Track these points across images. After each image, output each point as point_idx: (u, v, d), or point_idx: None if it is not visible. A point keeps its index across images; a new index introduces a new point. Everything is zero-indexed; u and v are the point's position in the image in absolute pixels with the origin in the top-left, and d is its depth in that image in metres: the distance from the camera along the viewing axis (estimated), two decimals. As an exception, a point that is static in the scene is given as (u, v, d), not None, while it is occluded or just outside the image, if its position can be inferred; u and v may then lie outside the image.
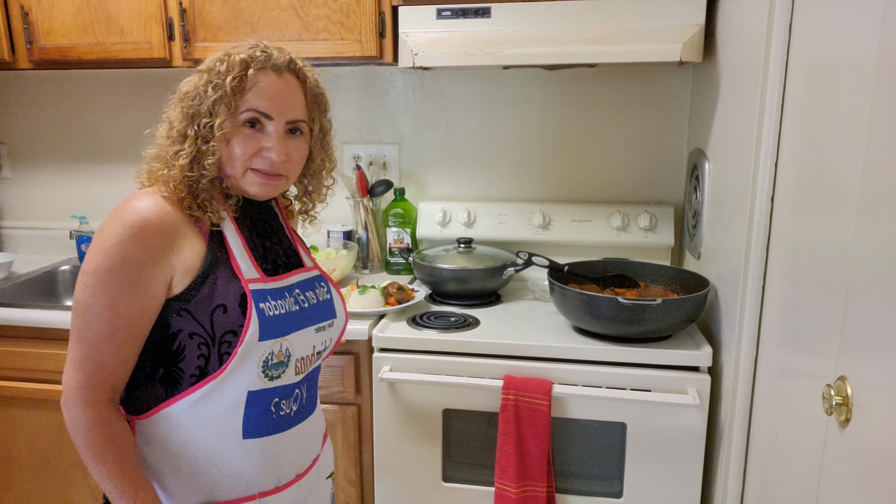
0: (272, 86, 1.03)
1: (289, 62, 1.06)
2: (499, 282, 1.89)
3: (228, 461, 1.04)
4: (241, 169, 1.03)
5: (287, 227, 1.20)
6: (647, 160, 2.10)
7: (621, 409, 1.56)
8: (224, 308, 1.00)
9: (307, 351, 1.10)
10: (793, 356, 1.20)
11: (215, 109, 1.00)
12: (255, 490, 1.07)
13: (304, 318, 1.09)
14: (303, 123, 1.07)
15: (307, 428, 1.15)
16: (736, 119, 1.50)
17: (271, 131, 1.03)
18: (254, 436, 1.05)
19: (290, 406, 1.10)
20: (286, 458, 1.10)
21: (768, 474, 1.31)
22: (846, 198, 0.99)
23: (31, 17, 1.95)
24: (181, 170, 1.00)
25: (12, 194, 2.48)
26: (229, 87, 1.00)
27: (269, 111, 1.02)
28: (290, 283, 1.09)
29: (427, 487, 1.68)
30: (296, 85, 1.06)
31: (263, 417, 1.05)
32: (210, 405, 1.02)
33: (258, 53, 1.03)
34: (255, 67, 1.02)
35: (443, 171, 2.22)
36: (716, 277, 1.63)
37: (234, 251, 1.04)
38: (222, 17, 1.88)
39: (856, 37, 0.99)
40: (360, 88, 2.21)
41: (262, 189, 1.05)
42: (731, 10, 1.58)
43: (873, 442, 0.87)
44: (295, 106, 1.05)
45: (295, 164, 1.08)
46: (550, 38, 1.71)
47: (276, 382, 1.05)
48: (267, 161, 1.03)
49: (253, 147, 1.02)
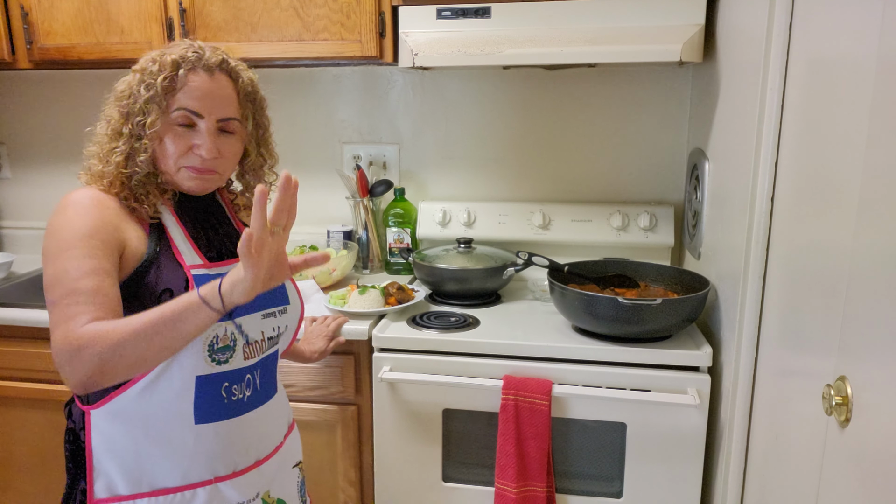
0: (203, 85, 1.07)
1: (221, 62, 1.10)
2: (499, 282, 1.89)
3: (181, 446, 1.07)
4: (174, 166, 1.08)
5: (234, 218, 1.24)
6: (647, 160, 2.10)
7: (621, 409, 1.56)
8: (170, 292, 1.04)
9: (256, 336, 1.13)
10: (793, 356, 1.20)
11: (148, 108, 1.05)
12: (211, 475, 1.10)
13: (250, 303, 1.10)
14: (234, 122, 1.11)
15: (265, 414, 1.18)
16: (736, 119, 1.50)
17: (202, 129, 1.07)
18: (206, 420, 1.08)
19: (243, 391, 1.13)
20: (242, 444, 1.13)
21: (768, 474, 1.31)
22: (846, 198, 0.99)
23: (31, 17, 1.95)
24: (116, 166, 1.06)
25: (12, 194, 2.48)
26: (160, 86, 1.04)
27: (199, 110, 1.07)
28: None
29: (427, 487, 1.68)
30: (227, 84, 1.10)
31: (214, 402, 1.08)
32: (160, 391, 1.05)
33: (190, 54, 1.07)
34: (185, 67, 1.06)
35: (443, 171, 2.22)
36: (716, 277, 1.63)
37: (176, 239, 1.09)
38: (222, 17, 1.88)
39: (856, 37, 0.99)
40: (360, 88, 2.21)
41: (195, 184, 1.10)
42: (731, 10, 1.58)
43: (873, 442, 0.87)
44: (226, 104, 1.09)
45: (228, 161, 1.13)
46: (550, 38, 1.71)
47: (225, 367, 1.08)
48: (198, 158, 1.08)
49: (184, 145, 1.07)
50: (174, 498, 1.08)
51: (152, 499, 1.07)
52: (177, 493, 1.08)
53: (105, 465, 1.07)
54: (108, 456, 1.07)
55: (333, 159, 2.27)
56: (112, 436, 1.07)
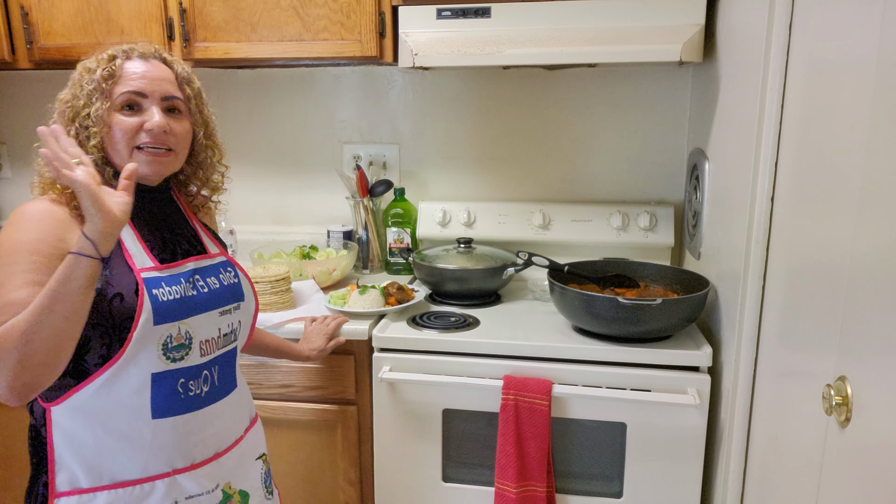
0: (140, 69, 1.12)
1: (155, 51, 1.16)
2: (499, 282, 1.89)
3: (139, 440, 1.10)
4: (126, 150, 1.10)
5: (192, 218, 1.26)
6: (647, 160, 2.10)
7: (621, 409, 1.56)
8: (121, 297, 1.06)
9: (211, 333, 1.16)
10: (793, 356, 1.20)
11: (91, 100, 1.09)
12: (169, 467, 1.13)
13: (204, 301, 1.15)
14: (179, 101, 1.15)
15: (224, 408, 1.21)
16: (736, 119, 1.50)
17: (149, 107, 1.11)
18: (164, 415, 1.11)
19: (200, 387, 1.15)
20: (200, 437, 1.17)
21: (768, 474, 1.31)
22: (846, 198, 0.99)
23: (31, 17, 1.95)
24: None
25: (12, 194, 2.48)
26: (100, 76, 1.09)
27: (142, 89, 1.11)
28: (187, 270, 1.15)
29: (427, 487, 1.68)
30: (164, 68, 1.15)
31: (171, 398, 1.11)
32: (117, 388, 1.07)
33: (124, 47, 1.14)
34: (121, 58, 1.12)
35: (443, 171, 2.22)
36: (716, 277, 1.63)
37: (127, 243, 1.10)
38: (222, 17, 1.88)
39: (856, 37, 0.99)
40: (360, 88, 2.21)
41: (151, 168, 1.12)
42: (731, 10, 1.58)
43: (873, 442, 0.87)
44: (167, 84, 1.14)
45: (180, 138, 1.15)
46: (550, 38, 1.71)
47: (180, 364, 1.11)
48: (150, 134, 1.10)
49: (133, 126, 1.10)
50: (133, 490, 1.11)
51: (112, 491, 1.10)
52: (136, 485, 1.11)
53: (66, 460, 1.10)
54: (68, 451, 1.10)
55: (333, 159, 2.27)
56: (72, 431, 1.09)
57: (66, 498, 1.10)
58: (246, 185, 2.32)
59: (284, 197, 2.32)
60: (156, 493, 1.12)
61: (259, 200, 2.34)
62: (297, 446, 1.78)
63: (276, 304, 1.79)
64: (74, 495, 1.10)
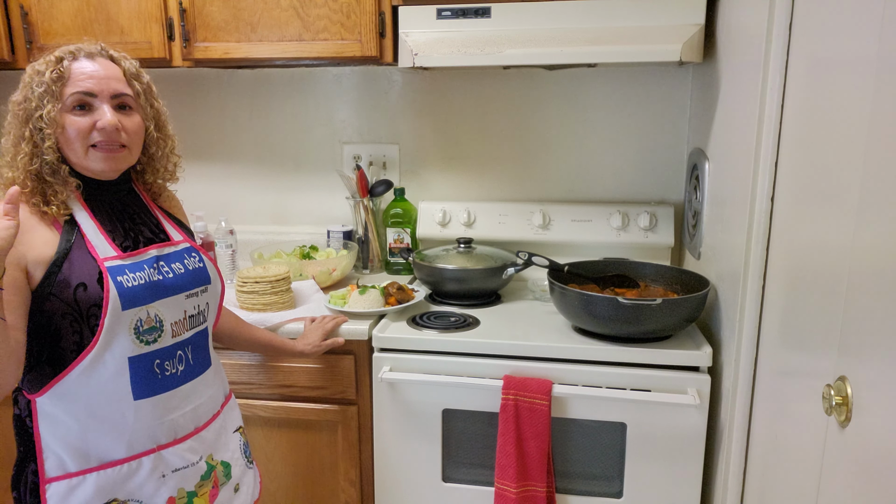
0: (88, 69, 1.14)
1: (100, 49, 1.19)
2: (499, 282, 1.89)
3: (123, 421, 1.15)
4: (81, 149, 1.14)
5: (152, 206, 1.29)
6: (647, 160, 2.10)
7: (621, 409, 1.56)
8: (84, 286, 1.10)
9: (179, 315, 1.21)
10: (793, 356, 1.20)
11: (42, 102, 1.11)
12: (153, 444, 1.20)
13: (169, 286, 1.19)
14: (128, 98, 1.18)
15: (200, 386, 1.27)
16: (736, 119, 1.50)
17: (100, 106, 1.14)
18: (144, 396, 1.16)
19: (176, 366, 1.21)
20: (180, 413, 1.23)
21: (768, 474, 1.31)
22: (846, 198, 0.99)
23: (31, 17, 1.95)
24: (24, 166, 1.12)
25: (12, 194, 2.47)
26: (49, 79, 1.11)
27: (91, 89, 1.13)
28: (149, 257, 1.19)
29: (427, 487, 1.68)
30: (111, 65, 1.18)
31: (149, 378, 1.17)
32: (97, 374, 1.12)
33: (70, 48, 1.16)
34: (68, 59, 1.14)
35: (443, 171, 2.22)
36: (716, 277, 1.63)
37: (88, 233, 1.14)
38: (222, 17, 1.88)
39: (856, 37, 0.99)
40: (360, 88, 2.21)
41: (107, 164, 1.16)
42: (731, 10, 1.58)
43: (873, 442, 0.87)
44: (115, 82, 1.16)
45: (132, 135, 1.18)
46: (550, 38, 1.71)
47: (154, 346, 1.17)
48: (103, 132, 1.13)
49: (86, 125, 1.13)
50: (122, 469, 1.17)
51: (101, 472, 1.15)
52: (123, 464, 1.17)
53: (53, 447, 1.14)
54: (54, 438, 1.14)
55: (333, 159, 2.27)
56: (56, 418, 1.13)
57: (56, 483, 1.14)
58: (246, 185, 2.32)
59: (284, 197, 2.32)
60: (143, 469, 1.18)
61: (259, 200, 2.34)
62: (297, 446, 1.78)
63: (276, 304, 1.79)
64: (64, 479, 1.14)
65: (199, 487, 1.26)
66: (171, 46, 1.92)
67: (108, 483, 1.15)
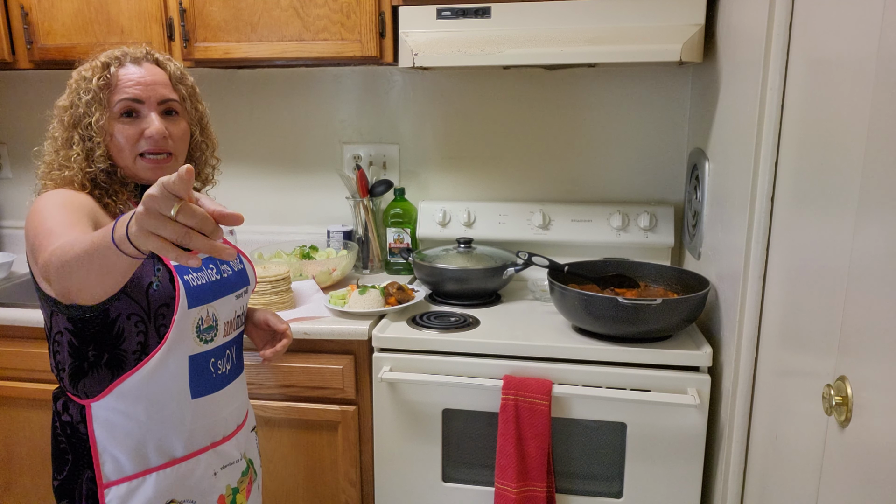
0: (135, 75, 1.15)
1: (146, 53, 1.19)
2: (499, 282, 1.89)
3: (182, 421, 1.17)
4: (130, 157, 1.15)
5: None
6: (647, 160, 2.10)
7: (621, 409, 1.56)
8: (155, 284, 1.11)
9: (230, 315, 1.24)
10: (793, 356, 1.20)
11: (90, 110, 1.12)
12: (208, 442, 1.22)
13: (225, 285, 1.22)
14: (175, 103, 1.19)
15: (239, 386, 1.31)
16: (736, 119, 1.50)
17: (147, 114, 1.15)
18: (200, 395, 1.19)
19: (225, 365, 1.24)
20: (228, 412, 1.26)
21: (768, 474, 1.31)
22: (846, 198, 0.99)
23: (31, 17, 1.95)
24: (80, 165, 1.13)
25: (12, 194, 2.48)
26: (96, 86, 1.12)
27: (138, 96, 1.14)
28: (205, 257, 1.19)
29: (427, 487, 1.68)
30: (157, 70, 1.18)
31: (204, 377, 1.19)
32: (159, 374, 1.13)
33: (116, 53, 1.16)
34: (115, 66, 1.15)
35: (443, 171, 2.22)
36: (716, 277, 1.63)
37: None
38: (222, 17, 1.88)
39: (856, 37, 0.99)
40: (360, 88, 2.21)
41: (154, 174, 1.16)
42: (731, 10, 1.58)
43: (873, 442, 0.87)
44: (161, 87, 1.17)
45: (178, 141, 1.19)
46: (550, 38, 1.71)
47: (211, 345, 1.19)
48: (150, 141, 1.14)
49: (134, 133, 1.14)
50: (180, 467, 1.18)
51: (161, 472, 1.16)
52: (182, 462, 1.18)
53: (111, 450, 1.14)
54: (112, 442, 1.14)
55: (333, 159, 2.27)
56: (115, 422, 1.13)
57: (116, 487, 1.14)
58: (246, 184, 2.32)
59: (284, 197, 2.32)
60: (199, 467, 1.20)
61: (259, 200, 2.33)
62: (297, 446, 1.78)
63: (276, 304, 1.79)
64: (124, 482, 1.14)
65: (241, 483, 1.30)
66: (172, 46, 1.92)
67: (167, 482, 1.16)
